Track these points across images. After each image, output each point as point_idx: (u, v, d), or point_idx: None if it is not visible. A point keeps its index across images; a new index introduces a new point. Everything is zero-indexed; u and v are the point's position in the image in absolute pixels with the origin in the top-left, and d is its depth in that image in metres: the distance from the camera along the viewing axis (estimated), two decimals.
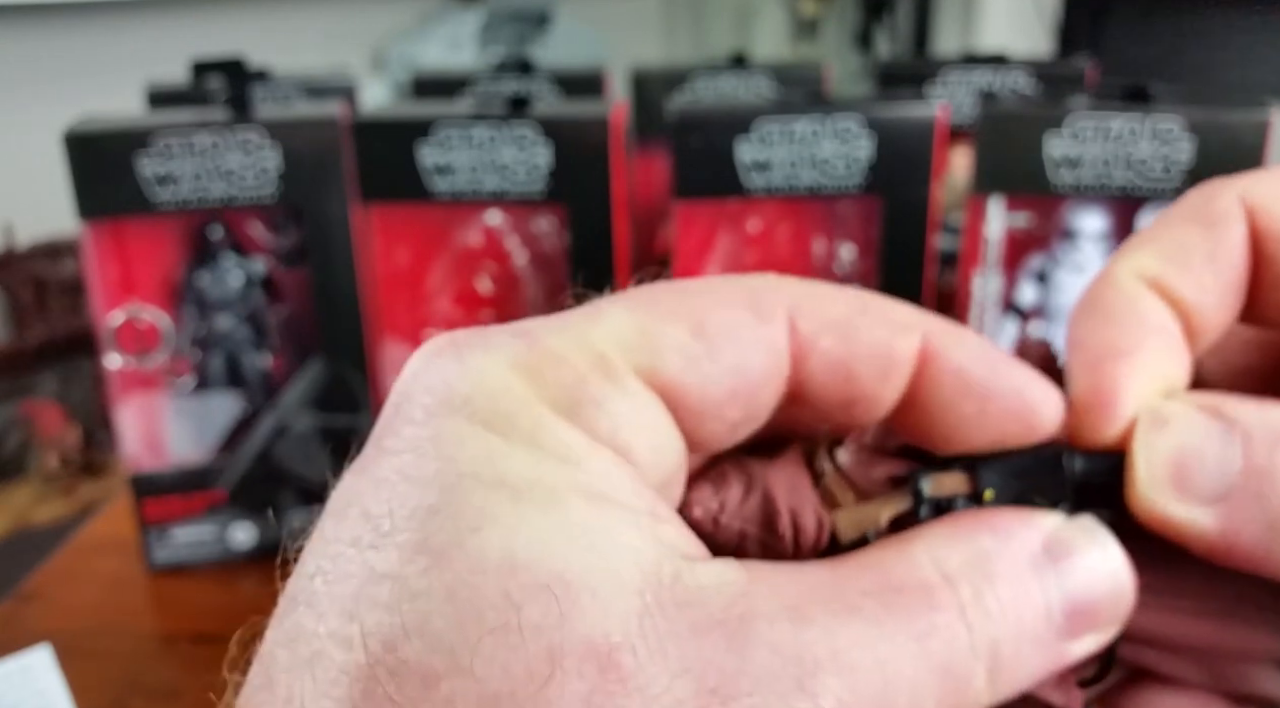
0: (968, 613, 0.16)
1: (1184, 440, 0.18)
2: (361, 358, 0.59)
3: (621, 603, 0.15)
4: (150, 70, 0.81)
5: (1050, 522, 0.17)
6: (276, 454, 0.60)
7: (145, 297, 0.58)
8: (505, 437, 0.16)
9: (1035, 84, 0.78)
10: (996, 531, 0.17)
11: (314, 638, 0.15)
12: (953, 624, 0.16)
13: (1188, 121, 0.53)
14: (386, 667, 0.14)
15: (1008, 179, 0.56)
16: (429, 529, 0.15)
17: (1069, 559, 0.17)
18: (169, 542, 0.60)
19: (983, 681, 0.16)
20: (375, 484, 0.16)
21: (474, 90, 0.76)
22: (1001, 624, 0.16)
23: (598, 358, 0.17)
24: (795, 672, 0.15)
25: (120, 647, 0.54)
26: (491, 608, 0.14)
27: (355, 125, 0.56)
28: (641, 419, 0.17)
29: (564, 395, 0.17)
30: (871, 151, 0.56)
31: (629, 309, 0.18)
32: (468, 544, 0.15)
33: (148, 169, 0.54)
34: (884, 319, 0.18)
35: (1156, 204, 0.55)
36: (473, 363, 0.17)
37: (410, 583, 0.15)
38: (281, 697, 0.15)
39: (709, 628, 0.15)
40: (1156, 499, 0.18)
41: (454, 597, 0.14)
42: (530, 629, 0.14)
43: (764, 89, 0.78)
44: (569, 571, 0.15)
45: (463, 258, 0.60)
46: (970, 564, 0.17)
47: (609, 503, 0.16)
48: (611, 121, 0.55)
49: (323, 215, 0.57)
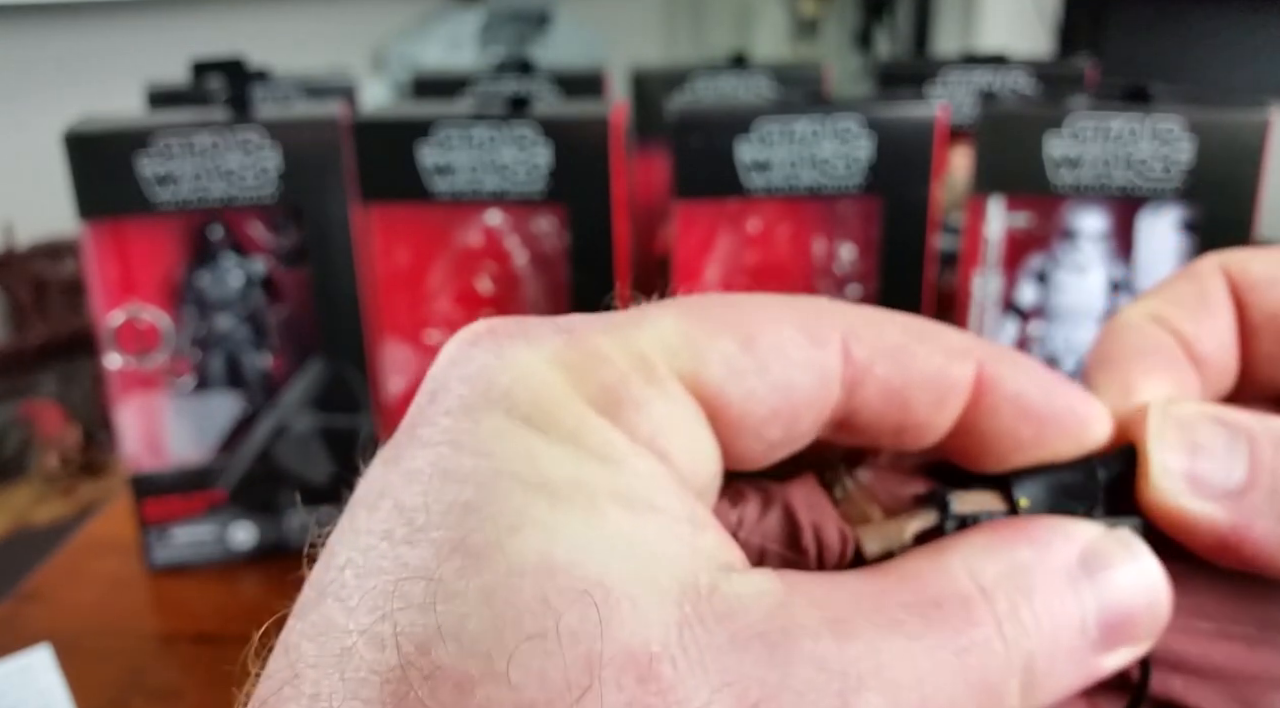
0: (1004, 627, 0.16)
1: (1195, 436, 0.18)
2: (361, 358, 0.59)
3: (661, 613, 0.14)
4: (150, 70, 0.81)
5: (1087, 533, 0.17)
6: (276, 454, 0.60)
7: (145, 297, 0.58)
8: (545, 434, 0.16)
9: (1035, 84, 0.78)
10: (1034, 541, 0.17)
11: (344, 634, 0.14)
12: (990, 639, 0.16)
13: (1188, 121, 0.53)
14: (420, 670, 0.14)
15: (1008, 179, 0.56)
16: (466, 527, 0.15)
17: (1105, 571, 0.17)
18: (169, 542, 0.60)
19: (1016, 696, 0.16)
20: (409, 476, 0.16)
21: (474, 90, 0.76)
22: (1037, 638, 0.16)
23: (641, 360, 0.17)
24: (839, 687, 0.15)
25: (120, 647, 0.54)
26: (529, 613, 0.14)
27: (355, 125, 0.56)
28: (682, 425, 0.17)
29: (605, 395, 0.16)
30: (871, 151, 0.56)
31: (677, 315, 0.18)
32: (506, 546, 0.14)
33: (148, 169, 0.54)
34: (940, 346, 0.18)
35: (1156, 204, 0.55)
36: (513, 356, 0.17)
37: (446, 584, 0.14)
38: (308, 693, 0.14)
39: (749, 640, 0.15)
40: (1169, 489, 0.18)
41: (491, 600, 0.14)
42: (568, 637, 0.14)
43: (764, 89, 0.78)
44: (608, 577, 0.14)
45: (463, 258, 0.60)
46: (1007, 576, 0.16)
47: (649, 508, 0.16)
48: (611, 121, 0.55)
49: (323, 215, 0.57)
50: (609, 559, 0.15)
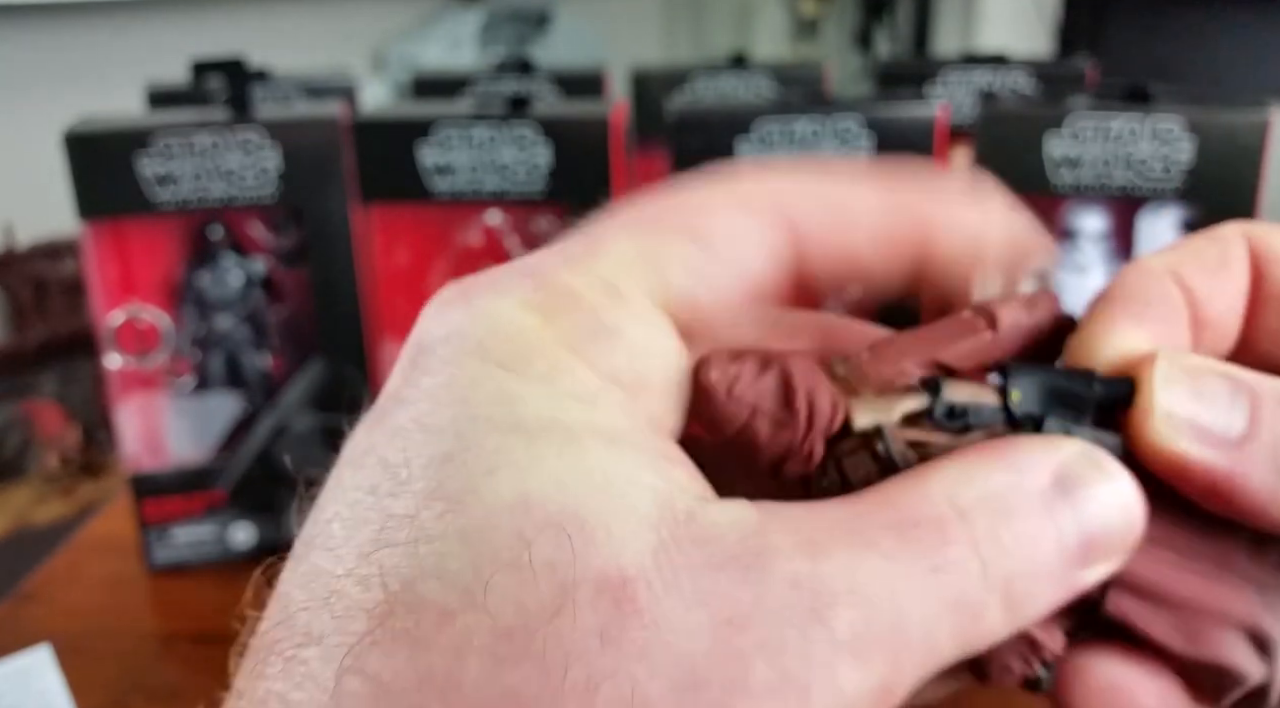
0: (981, 548, 0.16)
1: (1199, 385, 0.18)
2: (361, 358, 0.59)
3: (637, 540, 0.15)
4: (150, 70, 0.81)
5: (1065, 452, 0.18)
6: (276, 454, 0.60)
7: (145, 297, 0.58)
8: (520, 375, 0.16)
9: (1035, 84, 0.78)
10: (1010, 465, 0.17)
11: (331, 578, 0.15)
12: (967, 559, 0.16)
13: (1188, 121, 0.53)
14: (404, 603, 0.14)
15: (1008, 179, 0.56)
16: (444, 475, 0.15)
17: (1082, 490, 0.17)
18: (169, 542, 0.60)
19: (997, 613, 0.16)
20: (392, 433, 0.16)
21: (474, 90, 0.76)
22: (1016, 558, 0.16)
23: (607, 288, 0.17)
24: (811, 603, 0.15)
25: (120, 647, 0.54)
26: (505, 547, 0.15)
27: (355, 125, 0.56)
28: (655, 346, 0.17)
29: (575, 331, 0.17)
30: (871, 152, 0.56)
31: (631, 233, 0.18)
32: (481, 488, 0.15)
33: (148, 169, 0.54)
34: (875, 201, 0.19)
35: (1156, 204, 0.55)
36: (483, 306, 0.17)
37: (427, 528, 0.15)
38: (300, 632, 0.15)
39: (724, 562, 0.15)
40: (1170, 433, 0.18)
41: (468, 539, 0.15)
42: (543, 565, 0.14)
43: (764, 89, 0.78)
44: (583, 508, 0.15)
45: (463, 258, 0.60)
46: (984, 499, 0.17)
47: (624, 442, 0.16)
48: (611, 121, 0.55)
49: (323, 215, 0.57)
50: (584, 492, 0.15)
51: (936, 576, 0.16)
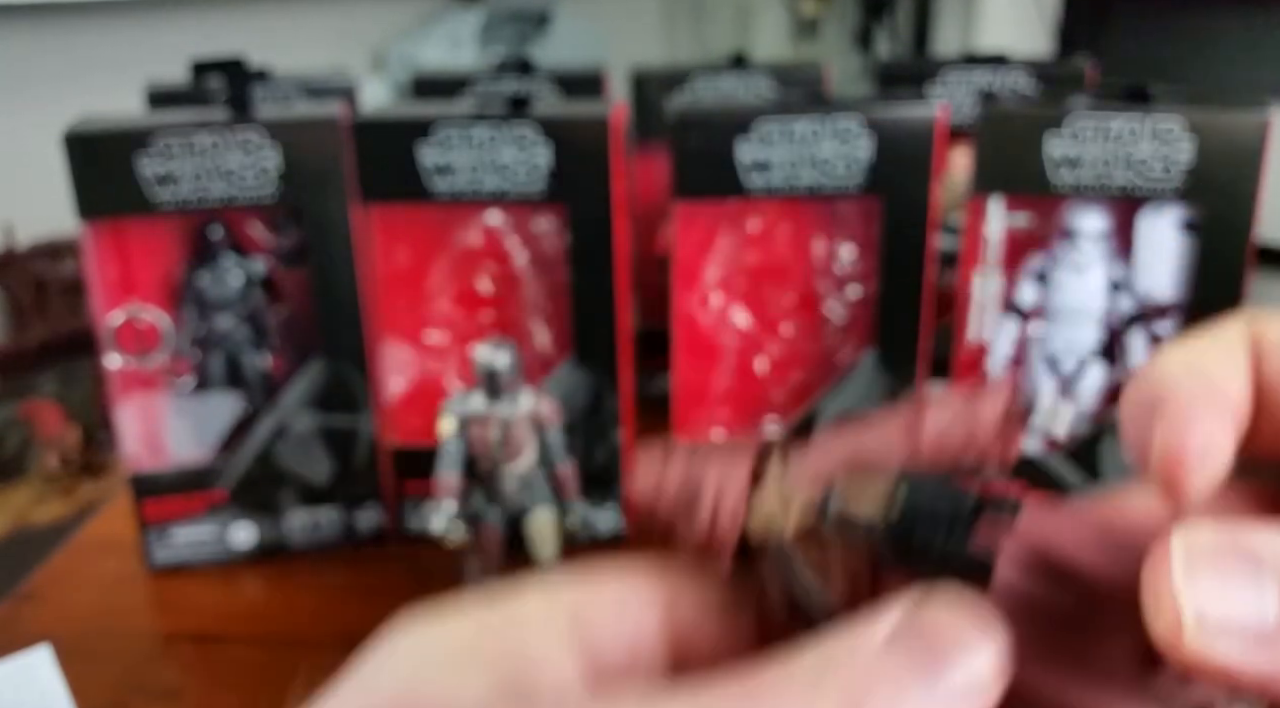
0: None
1: (1224, 572, 0.17)
2: (361, 358, 0.59)
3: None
4: (150, 70, 0.81)
5: (930, 618, 0.17)
6: (276, 454, 0.60)
7: (145, 297, 0.58)
8: None
9: (1035, 84, 0.78)
10: (872, 673, 0.16)
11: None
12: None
13: (1188, 121, 0.53)
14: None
15: (1008, 179, 0.56)
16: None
17: (947, 663, 0.16)
18: (169, 542, 0.60)
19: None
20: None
21: (474, 90, 0.76)
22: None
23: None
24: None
25: (120, 647, 0.54)
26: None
27: (355, 125, 0.56)
28: None
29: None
30: (871, 151, 0.56)
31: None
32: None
33: (148, 169, 0.54)
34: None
35: (1156, 204, 0.55)
36: (414, 635, 0.20)
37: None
38: None
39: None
40: (1206, 640, 0.16)
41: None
42: None
43: (764, 89, 0.78)
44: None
45: (463, 258, 0.60)
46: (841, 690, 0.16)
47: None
48: (611, 121, 0.55)
49: (323, 215, 0.57)
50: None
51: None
